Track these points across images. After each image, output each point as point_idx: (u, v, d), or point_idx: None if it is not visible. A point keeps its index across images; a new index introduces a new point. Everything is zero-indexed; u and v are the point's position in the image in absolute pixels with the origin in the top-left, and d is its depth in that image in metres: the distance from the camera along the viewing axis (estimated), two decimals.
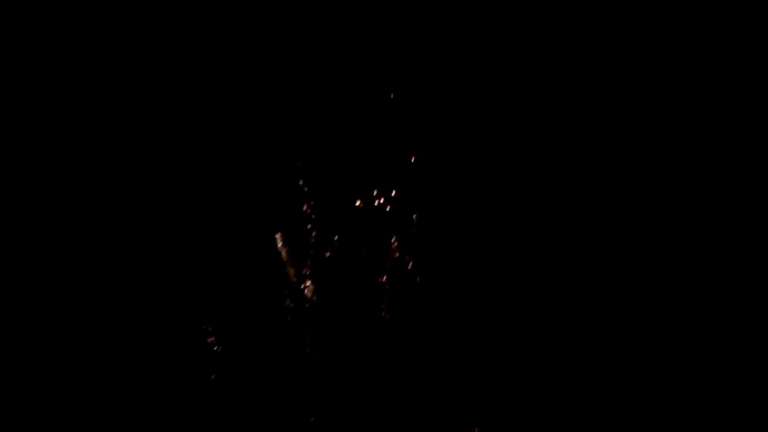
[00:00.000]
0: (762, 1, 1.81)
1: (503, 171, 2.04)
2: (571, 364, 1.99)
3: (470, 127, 2.05)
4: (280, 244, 2.06)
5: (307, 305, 2.06)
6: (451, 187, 2.04)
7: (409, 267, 2.05)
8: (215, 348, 2.03)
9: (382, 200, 2.05)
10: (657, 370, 1.95)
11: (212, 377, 2.02)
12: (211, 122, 2.04)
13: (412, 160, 2.04)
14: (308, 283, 2.06)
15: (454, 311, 2.04)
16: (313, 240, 2.06)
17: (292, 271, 2.06)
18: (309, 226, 2.06)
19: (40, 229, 2.00)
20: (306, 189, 2.06)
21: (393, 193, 2.05)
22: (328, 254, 2.06)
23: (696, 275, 1.96)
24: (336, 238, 2.06)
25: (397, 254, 2.06)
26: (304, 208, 2.06)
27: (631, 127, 2.00)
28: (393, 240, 2.05)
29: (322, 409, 2.02)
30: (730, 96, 1.95)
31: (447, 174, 2.05)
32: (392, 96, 2.02)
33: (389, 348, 2.04)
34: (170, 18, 2.01)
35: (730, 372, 1.92)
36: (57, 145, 2.01)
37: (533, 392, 1.99)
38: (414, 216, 2.05)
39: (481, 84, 2.05)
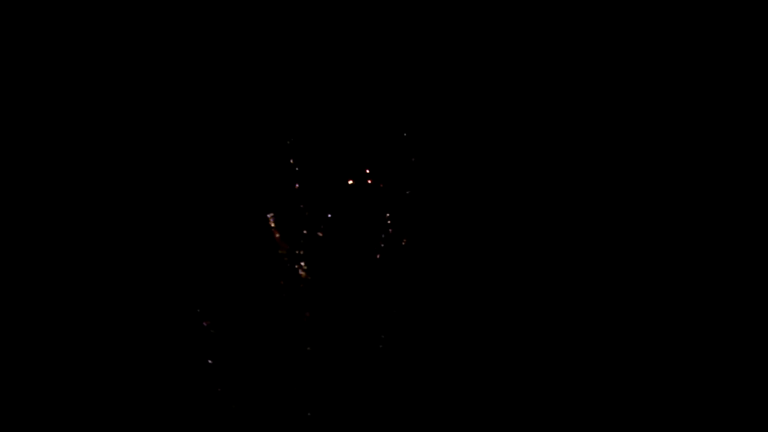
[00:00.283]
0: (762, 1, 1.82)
1: (498, 147, 2.04)
2: (568, 351, 2.03)
3: (464, 104, 2.04)
4: (272, 225, 2.03)
5: (301, 285, 2.04)
6: (445, 164, 2.04)
7: (403, 243, 2.05)
8: (210, 331, 2.00)
9: (374, 180, 2.04)
10: (656, 368, 2.00)
11: (209, 362, 2.00)
12: (200, 103, 1.99)
13: (404, 135, 2.03)
14: (302, 263, 2.04)
15: (449, 288, 2.05)
16: (305, 219, 2.04)
17: (284, 251, 2.04)
18: (301, 205, 2.04)
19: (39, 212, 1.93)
20: (297, 168, 2.03)
21: (386, 170, 2.03)
22: (320, 234, 2.05)
23: (694, 274, 1.99)
24: (329, 216, 2.04)
25: (391, 231, 2.05)
26: (296, 186, 2.03)
27: (627, 124, 2.02)
28: (386, 217, 2.04)
29: (319, 390, 2.02)
30: (730, 96, 1.97)
31: (441, 150, 2.04)
32: (384, 75, 2.00)
33: (384, 326, 2.05)
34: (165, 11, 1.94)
35: (729, 372, 1.96)
36: (54, 141, 1.94)
37: (529, 380, 2.03)
38: (407, 192, 2.04)
39: (477, 62, 2.03)
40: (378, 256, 2.05)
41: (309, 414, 2.01)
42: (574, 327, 2.02)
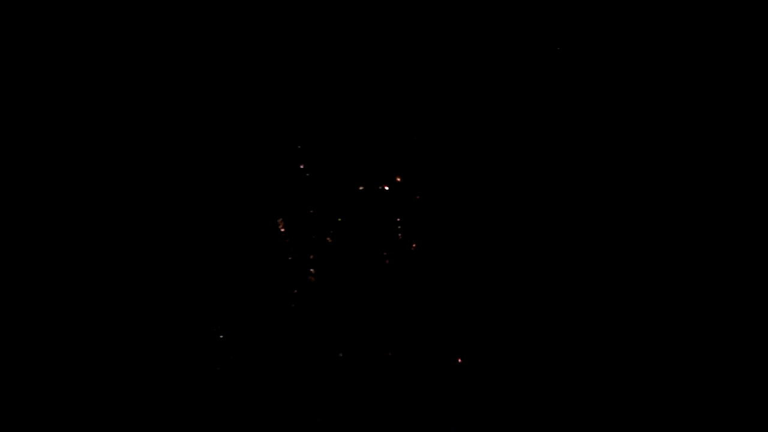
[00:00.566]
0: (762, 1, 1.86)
1: (511, 153, 2.06)
2: (574, 361, 2.05)
3: (476, 110, 2.06)
4: (282, 229, 2.03)
5: (311, 291, 2.04)
6: (456, 169, 2.05)
7: (413, 248, 2.06)
8: (220, 336, 1.99)
9: (386, 187, 2.05)
10: (656, 371, 2.01)
11: (218, 369, 1.98)
12: (212, 104, 1.99)
13: (415, 140, 2.04)
14: (311, 269, 2.04)
15: (459, 295, 2.06)
16: (315, 225, 2.04)
17: (294, 257, 2.04)
18: (311, 211, 2.04)
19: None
20: (308, 174, 2.03)
21: (396, 175, 2.04)
22: (330, 240, 2.05)
23: (694, 276, 2.01)
24: (339, 220, 2.04)
25: (400, 236, 2.06)
26: (306, 191, 2.04)
27: (629, 125, 2.04)
28: (397, 222, 2.05)
29: (327, 396, 2.02)
30: (730, 97, 2.00)
31: (451, 155, 2.05)
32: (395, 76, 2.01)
33: (393, 333, 2.05)
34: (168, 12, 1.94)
35: (730, 372, 1.98)
36: (60, 144, 1.92)
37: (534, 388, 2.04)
38: (417, 197, 2.05)
39: (488, 67, 2.05)
40: (387, 262, 2.05)
41: (318, 420, 2.01)
42: (589, 334, 2.04)
